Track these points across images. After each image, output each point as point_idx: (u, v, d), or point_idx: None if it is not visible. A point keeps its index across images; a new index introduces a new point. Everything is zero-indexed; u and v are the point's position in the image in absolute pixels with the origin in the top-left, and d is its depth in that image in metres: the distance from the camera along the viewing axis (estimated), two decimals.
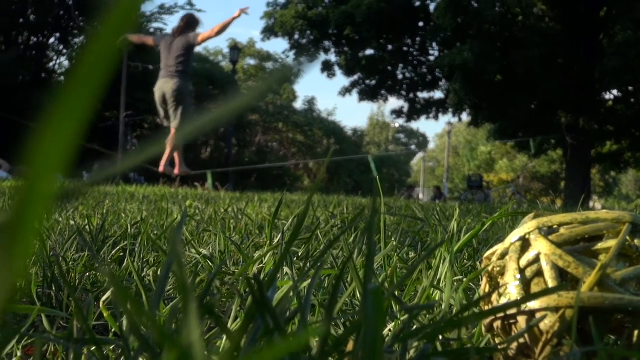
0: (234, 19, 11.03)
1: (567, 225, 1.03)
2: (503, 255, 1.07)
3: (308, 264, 1.45)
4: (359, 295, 1.32)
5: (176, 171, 11.68)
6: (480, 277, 1.17)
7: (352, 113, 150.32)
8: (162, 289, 0.86)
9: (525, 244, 1.03)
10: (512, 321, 0.99)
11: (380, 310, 0.60)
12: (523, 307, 0.95)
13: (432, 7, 26.75)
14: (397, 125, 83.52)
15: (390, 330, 1.10)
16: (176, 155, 11.60)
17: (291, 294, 0.89)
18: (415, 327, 0.97)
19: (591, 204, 29.84)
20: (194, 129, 0.37)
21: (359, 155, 48.64)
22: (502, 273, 1.06)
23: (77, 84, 0.27)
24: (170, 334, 0.52)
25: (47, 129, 0.27)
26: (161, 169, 11.62)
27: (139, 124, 35.50)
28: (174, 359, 0.50)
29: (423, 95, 30.37)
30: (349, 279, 1.42)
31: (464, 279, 1.26)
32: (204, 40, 11.18)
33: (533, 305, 0.93)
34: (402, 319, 1.10)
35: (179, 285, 0.54)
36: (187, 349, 0.50)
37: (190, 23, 11.40)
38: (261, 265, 1.65)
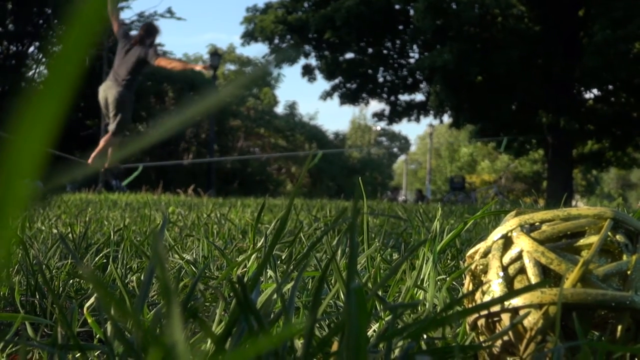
0: (195, 68, 11.24)
1: (549, 222, 1.04)
2: (486, 254, 1.07)
3: (291, 267, 1.45)
4: (342, 296, 1.33)
5: (106, 165, 11.74)
6: (463, 275, 1.18)
7: (334, 117, 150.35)
8: (145, 293, 0.86)
9: (507, 241, 1.03)
10: (495, 319, 0.99)
11: (363, 308, 0.61)
12: (506, 304, 0.95)
13: (411, 10, 26.78)
14: (378, 128, 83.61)
15: (374, 330, 1.11)
16: (110, 150, 11.66)
17: (274, 296, 0.89)
18: (399, 326, 0.97)
19: (573, 203, 29.93)
20: (174, 124, 0.37)
21: (339, 149, 48.72)
22: (485, 271, 1.06)
23: (47, 90, 0.27)
24: (155, 336, 0.52)
25: (18, 135, 0.27)
26: (89, 161, 11.67)
27: None
28: (158, 359, 0.50)
29: (404, 97, 30.41)
30: (332, 281, 1.42)
31: (448, 278, 1.26)
32: (159, 65, 11.40)
33: (516, 302, 0.94)
34: (386, 318, 1.10)
35: (161, 288, 0.54)
36: (170, 349, 0.50)
37: (149, 31, 11.47)
38: (244, 269, 1.65)
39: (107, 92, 11.33)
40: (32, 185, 0.29)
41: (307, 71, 30.31)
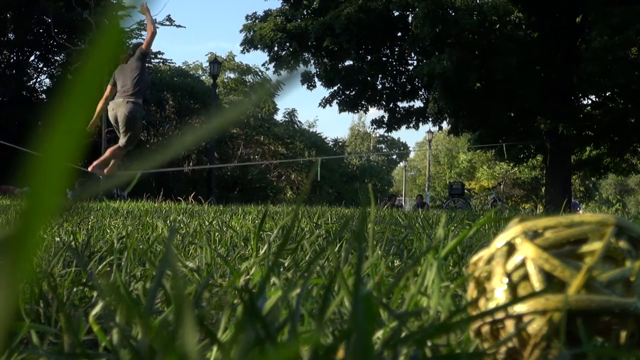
0: (147, 9, 11.25)
1: (552, 229, 1.04)
2: (489, 260, 1.07)
3: (296, 274, 1.45)
4: (346, 304, 1.33)
5: (105, 171, 11.72)
6: (467, 282, 1.18)
7: (333, 124, 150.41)
8: (152, 300, 0.86)
9: (511, 248, 1.03)
10: (500, 326, 0.99)
11: (371, 315, 0.61)
12: (511, 311, 0.95)
13: (410, 17, 26.80)
14: (377, 135, 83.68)
15: (378, 337, 1.11)
16: (113, 161, 11.70)
17: (280, 303, 0.89)
18: (404, 333, 0.97)
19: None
20: (180, 147, 0.37)
21: (339, 156, 48.74)
22: (488, 278, 1.06)
23: (72, 105, 0.28)
24: (165, 343, 0.53)
25: (46, 148, 0.28)
26: (90, 168, 11.67)
27: None
28: None
29: (403, 104, 30.42)
30: (335, 288, 1.42)
31: (451, 285, 1.26)
32: (149, 43, 11.62)
33: (520, 309, 0.94)
34: (390, 325, 1.10)
35: (173, 292, 0.55)
36: (184, 355, 0.50)
37: (134, 48, 11.64)
38: (248, 276, 1.65)
39: (117, 110, 11.47)
40: (64, 196, 0.29)
41: (307, 79, 30.29)
